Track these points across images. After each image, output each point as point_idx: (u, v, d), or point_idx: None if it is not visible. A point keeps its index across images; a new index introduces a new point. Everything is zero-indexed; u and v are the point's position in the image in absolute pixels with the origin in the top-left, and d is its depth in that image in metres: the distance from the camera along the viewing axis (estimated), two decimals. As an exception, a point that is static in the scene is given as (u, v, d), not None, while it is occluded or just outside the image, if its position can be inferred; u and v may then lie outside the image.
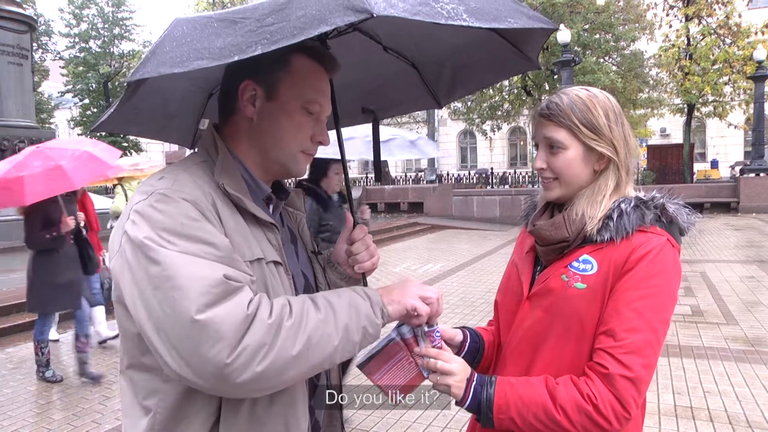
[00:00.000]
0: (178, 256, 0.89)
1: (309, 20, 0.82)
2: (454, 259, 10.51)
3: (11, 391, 4.51)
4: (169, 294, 0.87)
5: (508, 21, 0.99)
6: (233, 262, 0.95)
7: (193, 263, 0.89)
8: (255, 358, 0.87)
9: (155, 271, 0.89)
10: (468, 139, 38.18)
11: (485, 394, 1.18)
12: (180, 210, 0.95)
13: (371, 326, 1.03)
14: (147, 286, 0.90)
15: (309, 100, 1.12)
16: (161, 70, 0.86)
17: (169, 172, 1.05)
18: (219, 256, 0.93)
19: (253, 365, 0.87)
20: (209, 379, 0.87)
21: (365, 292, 1.07)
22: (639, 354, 1.10)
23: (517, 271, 1.36)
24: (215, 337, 0.85)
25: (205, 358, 0.85)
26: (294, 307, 0.95)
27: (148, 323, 0.90)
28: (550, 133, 1.23)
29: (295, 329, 0.92)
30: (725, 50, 20.68)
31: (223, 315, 0.86)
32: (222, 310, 0.87)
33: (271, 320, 0.90)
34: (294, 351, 0.91)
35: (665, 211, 1.19)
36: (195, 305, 0.86)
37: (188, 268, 0.88)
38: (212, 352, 0.85)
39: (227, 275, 0.90)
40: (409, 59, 1.51)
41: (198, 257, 0.90)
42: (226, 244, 0.96)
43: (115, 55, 33.78)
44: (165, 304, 0.87)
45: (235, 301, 0.88)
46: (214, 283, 0.88)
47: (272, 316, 0.90)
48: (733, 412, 3.66)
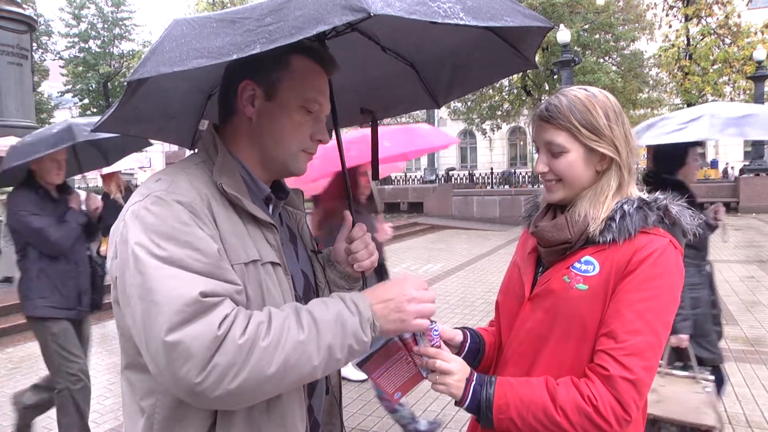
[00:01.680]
0: (161, 269, 0.91)
1: (307, 20, 0.82)
2: (454, 259, 10.51)
3: (11, 390, 4.51)
4: (149, 308, 0.89)
5: (505, 20, 1.00)
6: (218, 271, 0.95)
7: (174, 277, 0.90)
8: (225, 377, 0.87)
9: (140, 281, 0.91)
10: (468, 139, 38.18)
11: (485, 394, 1.17)
12: (172, 213, 0.96)
13: (357, 344, 1.00)
14: (134, 294, 0.92)
15: (308, 99, 1.13)
16: (161, 69, 0.86)
17: (167, 173, 1.06)
18: (204, 263, 0.93)
19: (224, 384, 0.88)
20: (184, 394, 0.90)
21: (356, 304, 1.02)
22: (640, 356, 1.09)
23: (519, 272, 1.35)
24: (185, 356, 0.86)
25: (177, 376, 0.87)
26: (273, 324, 0.93)
27: (134, 329, 0.93)
28: (551, 136, 1.22)
29: (272, 349, 0.91)
30: (725, 50, 20.71)
31: (194, 335, 0.87)
32: (193, 329, 0.87)
33: (243, 340, 0.89)
34: (270, 371, 0.90)
35: (668, 213, 1.18)
36: (167, 324, 0.87)
37: (167, 283, 0.90)
38: (182, 371, 0.86)
39: (204, 292, 0.90)
40: (408, 59, 1.52)
41: (180, 268, 0.91)
42: (214, 251, 0.96)
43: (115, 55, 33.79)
44: (145, 316, 0.90)
45: (208, 321, 0.88)
46: (189, 302, 0.88)
47: (245, 335, 0.89)
48: (733, 412, 3.66)
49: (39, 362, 5.16)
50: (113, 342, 5.70)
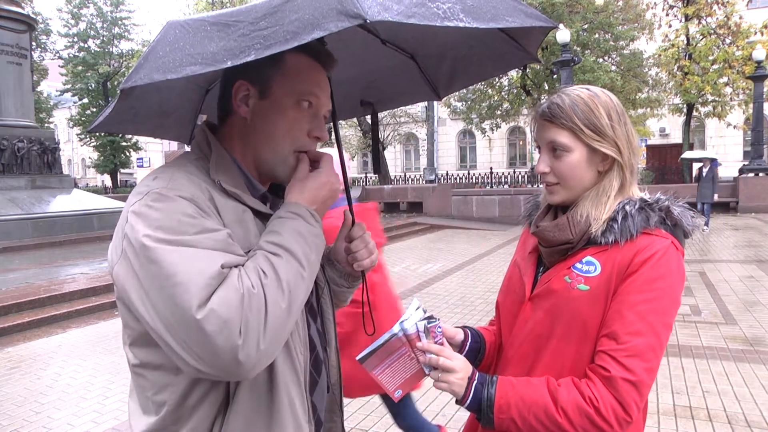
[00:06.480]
0: (176, 252, 0.90)
1: (303, 25, 0.82)
2: (454, 258, 10.51)
3: (11, 390, 4.51)
4: (173, 292, 0.88)
5: (506, 20, 0.98)
6: (230, 247, 0.96)
7: (191, 258, 0.90)
8: (259, 326, 0.89)
9: (155, 271, 0.89)
10: (467, 138, 38.18)
11: (486, 393, 1.17)
12: (177, 207, 0.95)
13: (317, 237, 1.05)
14: (151, 286, 0.90)
15: (304, 92, 1.12)
16: (155, 77, 0.85)
17: (163, 171, 1.05)
18: (217, 241, 0.94)
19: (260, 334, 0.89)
20: (229, 365, 0.88)
21: (292, 211, 1.05)
22: (641, 357, 1.09)
23: (520, 272, 1.35)
24: (221, 324, 0.86)
25: (218, 348, 0.86)
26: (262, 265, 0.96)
27: (159, 324, 0.90)
28: (553, 135, 1.22)
29: (275, 283, 0.94)
30: (725, 50, 20.70)
31: (222, 301, 0.88)
32: (220, 297, 0.88)
33: (257, 289, 0.92)
34: (283, 302, 0.94)
35: (670, 214, 1.18)
36: (197, 300, 0.87)
37: (186, 264, 0.89)
38: (221, 339, 0.86)
39: (224, 264, 0.92)
40: (408, 51, 1.51)
41: (196, 249, 0.91)
42: (224, 234, 0.97)
43: (114, 54, 33.79)
44: (170, 302, 0.88)
45: (229, 284, 0.90)
46: (214, 275, 0.89)
47: (254, 285, 0.92)
48: (732, 411, 3.66)
49: (38, 362, 5.17)
50: (113, 342, 5.70)
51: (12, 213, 12.63)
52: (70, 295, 7.13)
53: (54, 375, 4.82)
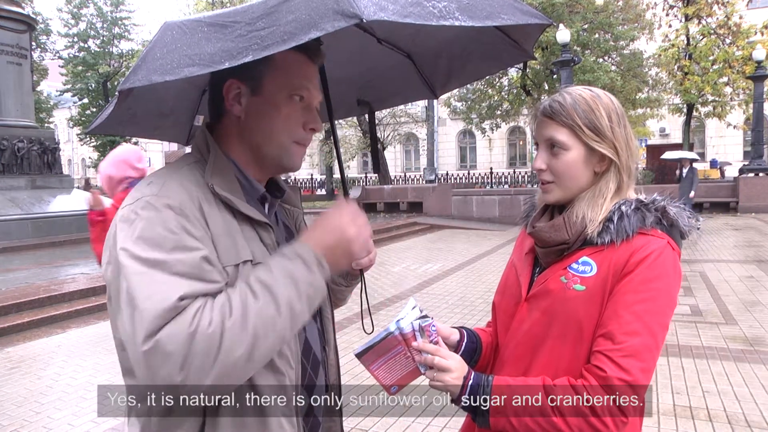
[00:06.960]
0: (144, 275, 0.90)
1: (299, 25, 0.82)
2: (453, 258, 10.50)
3: (11, 390, 4.51)
4: (131, 312, 0.89)
5: (502, 18, 0.98)
6: (201, 273, 0.93)
7: (155, 283, 0.89)
8: (204, 367, 0.86)
9: (124, 287, 0.91)
10: (467, 138, 38.19)
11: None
12: (160, 219, 0.95)
13: (313, 288, 0.99)
14: (122, 299, 0.92)
15: (296, 86, 1.11)
16: (153, 78, 0.85)
17: (158, 176, 1.05)
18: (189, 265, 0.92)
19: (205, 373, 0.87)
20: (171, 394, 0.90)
21: (295, 252, 1.01)
22: (637, 357, 1.09)
23: (516, 273, 1.35)
24: (162, 358, 0.85)
25: (158, 379, 0.87)
26: (233, 302, 0.92)
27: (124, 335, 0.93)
28: (552, 132, 1.22)
29: (239, 326, 0.90)
30: (725, 50, 20.71)
31: (169, 335, 0.86)
32: (168, 330, 0.86)
33: (211, 329, 0.88)
34: (242, 348, 0.89)
35: (666, 214, 1.18)
36: (146, 330, 0.86)
37: (148, 289, 0.89)
38: (162, 373, 0.86)
39: (183, 295, 0.89)
40: (404, 50, 1.51)
41: (162, 273, 0.90)
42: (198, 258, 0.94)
43: (114, 54, 33.83)
44: (129, 321, 0.89)
45: (182, 319, 0.87)
46: (170, 307, 0.87)
47: (212, 324, 0.88)
48: (732, 411, 3.66)
49: (38, 362, 5.17)
50: (113, 342, 5.68)
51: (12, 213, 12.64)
52: (70, 295, 7.12)
53: (54, 375, 4.82)
